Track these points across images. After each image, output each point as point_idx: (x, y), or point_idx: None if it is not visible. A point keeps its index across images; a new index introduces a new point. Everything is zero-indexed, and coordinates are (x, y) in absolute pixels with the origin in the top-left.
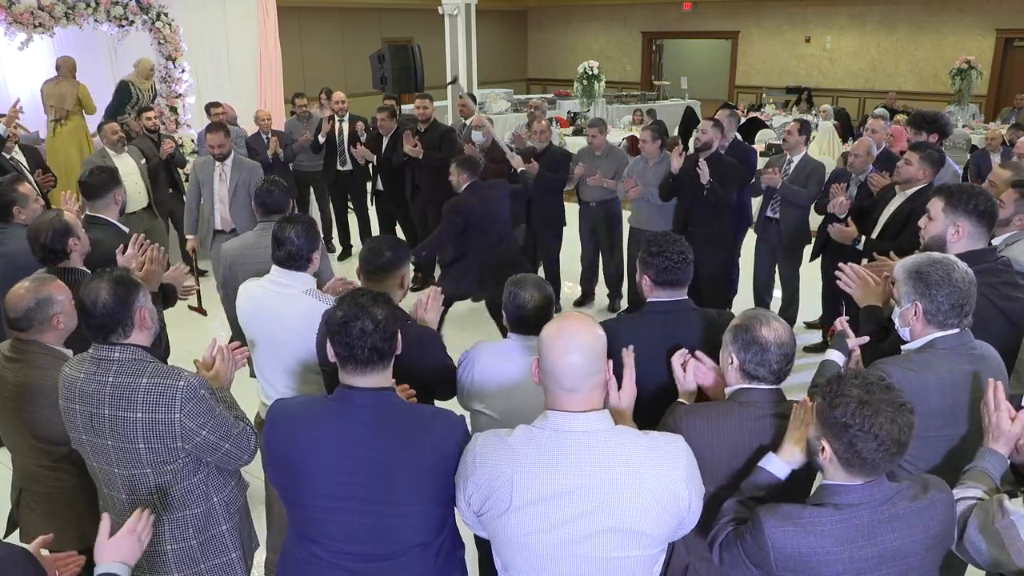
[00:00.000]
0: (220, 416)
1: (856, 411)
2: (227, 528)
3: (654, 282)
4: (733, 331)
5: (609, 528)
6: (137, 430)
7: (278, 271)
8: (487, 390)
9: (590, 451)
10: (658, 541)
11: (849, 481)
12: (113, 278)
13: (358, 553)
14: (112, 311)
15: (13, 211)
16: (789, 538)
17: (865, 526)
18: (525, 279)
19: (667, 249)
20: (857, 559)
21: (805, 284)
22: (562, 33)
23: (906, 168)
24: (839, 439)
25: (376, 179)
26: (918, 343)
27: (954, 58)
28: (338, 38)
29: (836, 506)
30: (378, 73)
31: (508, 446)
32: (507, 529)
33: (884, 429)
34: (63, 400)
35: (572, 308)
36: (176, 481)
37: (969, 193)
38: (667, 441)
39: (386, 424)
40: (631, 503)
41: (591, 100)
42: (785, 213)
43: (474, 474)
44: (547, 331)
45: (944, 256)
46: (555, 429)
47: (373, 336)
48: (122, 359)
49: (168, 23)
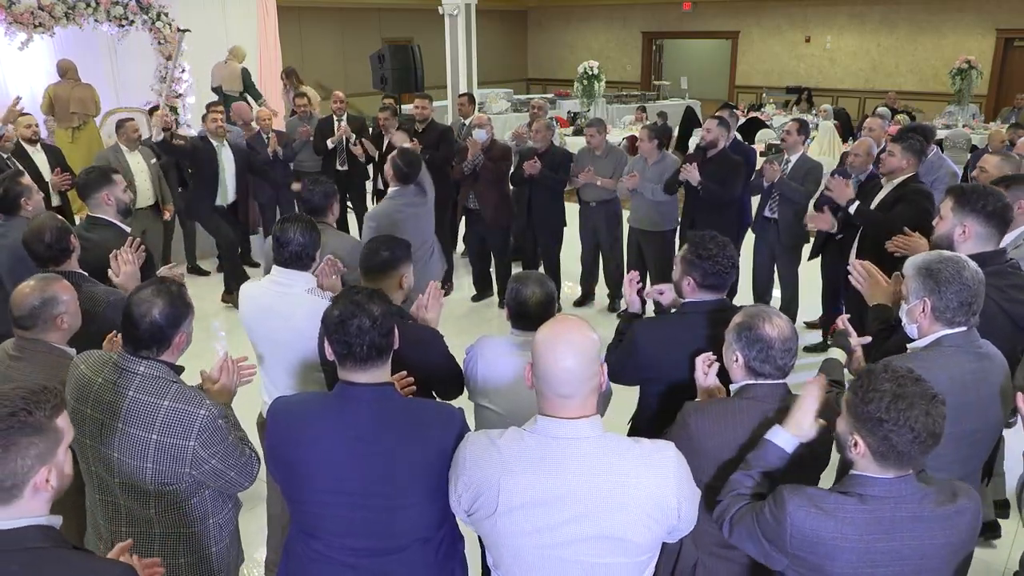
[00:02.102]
0: (231, 445)
1: (890, 405)
2: (216, 550)
3: (699, 284)
4: (736, 329)
5: (596, 535)
6: (149, 450)
7: (279, 271)
8: (490, 386)
9: (578, 458)
10: (645, 549)
11: (880, 474)
12: (170, 295)
13: (359, 548)
14: (158, 330)
15: (21, 202)
16: (810, 519)
17: (886, 520)
18: (528, 275)
19: (718, 254)
20: (873, 551)
21: (805, 284)
22: (562, 33)
23: (889, 159)
24: (873, 434)
25: (376, 179)
26: (925, 341)
27: (954, 58)
28: (338, 38)
29: (862, 496)
30: (378, 73)
31: (497, 449)
32: (495, 531)
33: (920, 422)
34: (72, 399)
35: (572, 308)
36: (175, 502)
37: (979, 193)
38: (657, 449)
39: (386, 419)
40: (618, 511)
41: (591, 100)
42: (783, 213)
43: (464, 474)
44: (542, 335)
45: (955, 254)
46: (545, 435)
47: (371, 333)
48: (146, 374)
49: (168, 23)
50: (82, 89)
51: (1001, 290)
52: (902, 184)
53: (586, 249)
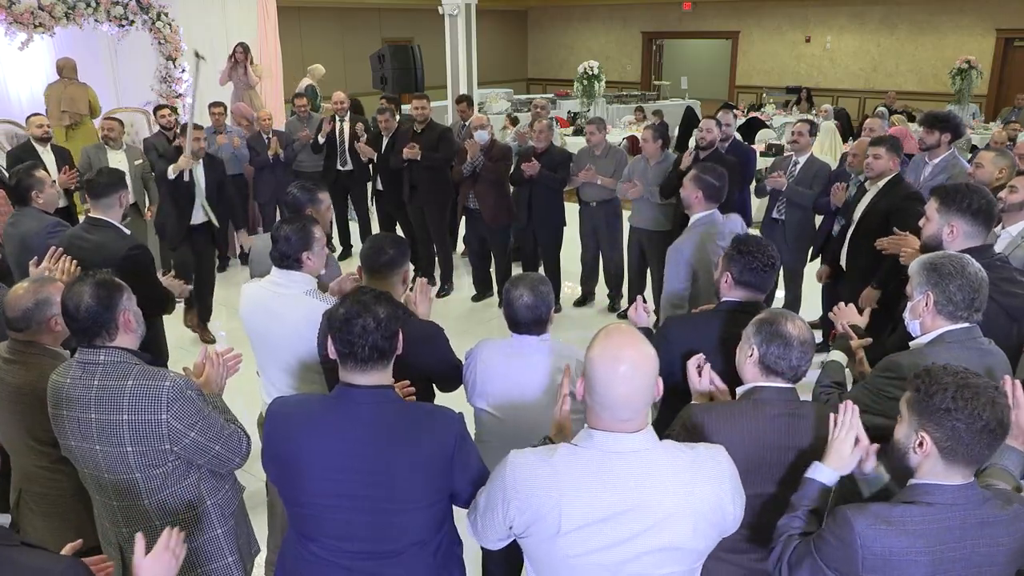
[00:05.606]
0: (209, 417)
1: (957, 394)
2: (222, 532)
3: (736, 280)
4: (757, 324)
5: (659, 547)
6: (124, 433)
7: (277, 272)
8: (488, 389)
9: (640, 472)
10: (701, 555)
11: (946, 479)
12: (96, 281)
13: (356, 551)
14: (95, 314)
15: (31, 195)
16: (880, 536)
17: (957, 528)
18: (521, 278)
19: (756, 250)
20: (945, 560)
21: (805, 284)
22: (562, 33)
23: (877, 163)
24: (941, 426)
25: (376, 179)
26: (928, 337)
27: (954, 58)
28: (338, 38)
29: (928, 504)
30: (378, 73)
31: (552, 468)
32: (553, 552)
33: (987, 411)
34: (52, 407)
35: (572, 308)
36: (166, 485)
37: (963, 192)
38: (711, 456)
39: (385, 422)
40: (681, 521)
41: (591, 100)
42: (790, 215)
43: (516, 498)
44: (601, 354)
45: (958, 253)
46: (602, 449)
47: (374, 334)
48: (107, 362)
49: (168, 23)
50: (74, 88)
51: (993, 284)
52: (889, 186)
53: (586, 249)
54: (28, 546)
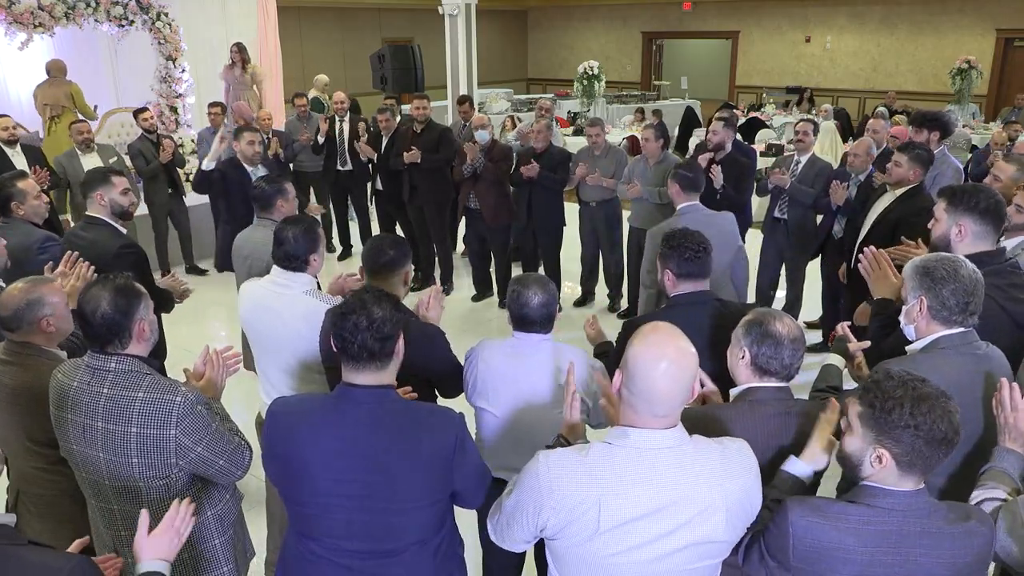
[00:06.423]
0: (216, 432)
1: (915, 410)
2: (219, 542)
3: (676, 275)
4: (746, 326)
5: (695, 541)
6: (131, 445)
7: (278, 271)
8: (489, 388)
9: (676, 468)
10: (730, 547)
11: (898, 486)
12: (115, 287)
13: (357, 550)
14: (111, 322)
15: (11, 206)
16: (812, 528)
17: (895, 533)
18: (528, 278)
19: (685, 241)
20: (877, 563)
21: (805, 284)
22: (562, 33)
23: (896, 170)
24: (900, 442)
25: (376, 179)
26: (922, 343)
27: (954, 58)
28: (338, 38)
29: (870, 506)
30: (378, 73)
31: (587, 468)
32: (590, 552)
33: (944, 422)
34: (54, 408)
35: (572, 308)
36: (167, 495)
37: (971, 192)
38: (738, 449)
39: (384, 422)
40: (715, 515)
41: (591, 100)
42: (793, 214)
43: (550, 499)
44: (643, 350)
45: (951, 255)
46: (638, 447)
47: (364, 333)
48: (118, 370)
49: (168, 23)
50: (58, 84)
51: (1001, 289)
52: (907, 196)
53: (586, 249)
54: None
